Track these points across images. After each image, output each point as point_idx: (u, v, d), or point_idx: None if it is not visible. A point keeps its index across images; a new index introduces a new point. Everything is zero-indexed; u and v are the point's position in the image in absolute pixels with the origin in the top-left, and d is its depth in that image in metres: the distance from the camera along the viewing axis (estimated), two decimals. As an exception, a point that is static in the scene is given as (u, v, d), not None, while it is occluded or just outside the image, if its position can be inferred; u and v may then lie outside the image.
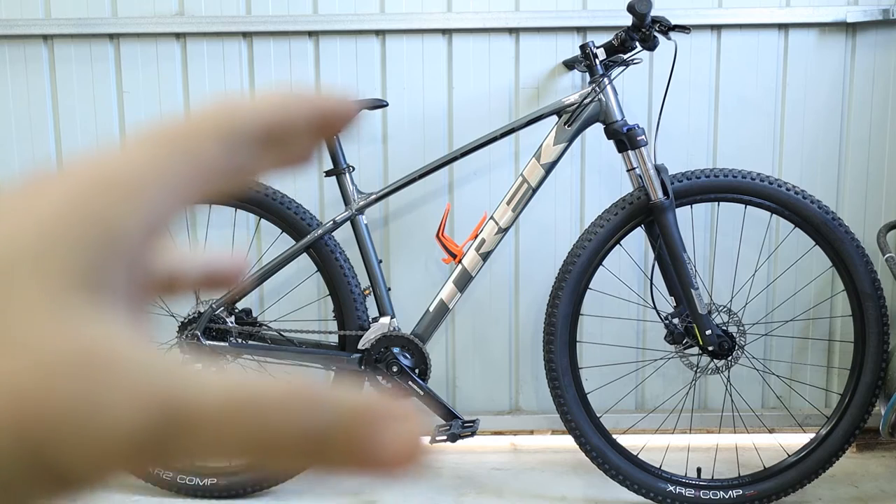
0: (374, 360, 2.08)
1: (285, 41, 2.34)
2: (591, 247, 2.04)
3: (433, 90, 2.36)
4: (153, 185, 0.22)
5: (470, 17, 2.32)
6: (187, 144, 0.23)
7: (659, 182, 1.99)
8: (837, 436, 2.07)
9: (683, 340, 2.06)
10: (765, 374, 2.37)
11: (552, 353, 2.06)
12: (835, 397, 2.29)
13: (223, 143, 0.24)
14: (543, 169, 2.05)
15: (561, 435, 2.35)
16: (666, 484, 2.08)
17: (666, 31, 1.95)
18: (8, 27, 2.30)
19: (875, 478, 2.24)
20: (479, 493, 2.17)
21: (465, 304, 2.41)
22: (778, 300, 2.41)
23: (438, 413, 2.10)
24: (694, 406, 2.38)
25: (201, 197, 0.24)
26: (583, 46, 2.04)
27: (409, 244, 2.41)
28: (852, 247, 2.02)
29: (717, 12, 2.31)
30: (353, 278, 2.12)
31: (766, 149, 2.38)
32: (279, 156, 0.25)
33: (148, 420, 0.18)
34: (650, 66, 2.33)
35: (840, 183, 2.39)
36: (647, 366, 2.43)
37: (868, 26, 2.32)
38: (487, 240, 2.07)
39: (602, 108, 2.03)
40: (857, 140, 2.37)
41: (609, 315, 2.39)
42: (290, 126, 0.25)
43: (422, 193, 2.38)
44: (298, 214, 2.11)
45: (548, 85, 2.35)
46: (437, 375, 2.34)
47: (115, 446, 0.18)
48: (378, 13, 2.33)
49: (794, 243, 2.27)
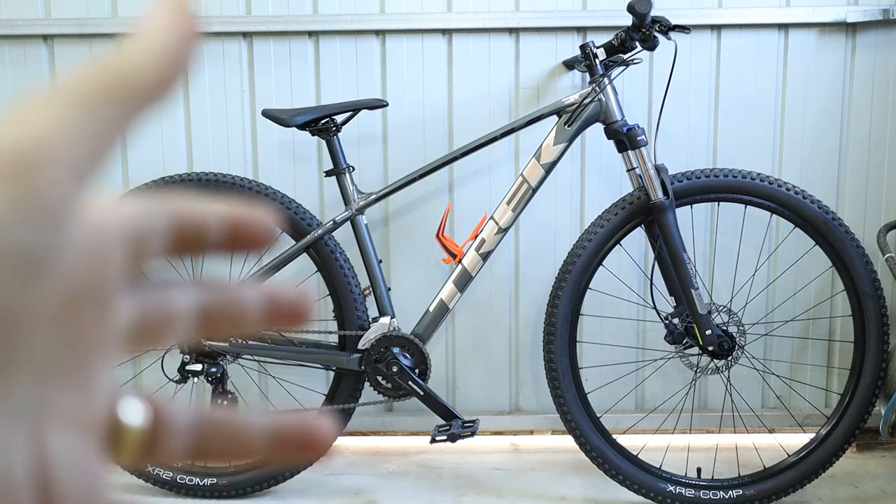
0: (374, 359, 2.08)
1: (285, 41, 2.34)
2: (591, 247, 2.04)
3: (433, 90, 2.36)
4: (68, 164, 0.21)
5: (470, 17, 2.32)
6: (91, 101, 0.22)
7: (659, 182, 1.99)
8: (837, 436, 2.06)
9: (683, 340, 2.06)
10: (765, 374, 2.37)
11: (552, 353, 2.06)
12: (835, 397, 2.29)
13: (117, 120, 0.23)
14: (543, 169, 2.05)
15: (561, 435, 2.35)
16: (666, 484, 2.08)
17: (666, 31, 1.95)
18: (8, 27, 2.30)
19: (875, 478, 2.24)
20: (479, 493, 2.17)
21: (465, 304, 2.41)
22: (778, 300, 2.41)
23: (438, 413, 2.10)
24: (694, 406, 2.38)
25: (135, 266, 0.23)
26: (583, 46, 2.04)
27: (409, 244, 2.41)
28: (852, 247, 2.02)
29: (717, 12, 2.31)
30: (353, 278, 2.12)
31: (765, 149, 2.38)
32: (187, 251, 0.25)
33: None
34: (650, 66, 2.33)
35: (840, 183, 2.39)
36: (647, 366, 2.43)
37: (868, 26, 2.32)
38: (487, 240, 2.07)
39: (602, 108, 2.03)
40: (857, 140, 2.37)
41: (609, 315, 2.39)
42: (200, 231, 0.25)
43: (422, 193, 2.38)
44: (298, 214, 2.11)
45: (548, 85, 2.35)
46: (437, 375, 2.34)
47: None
48: (378, 13, 2.33)
49: (794, 243, 2.27)
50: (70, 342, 0.21)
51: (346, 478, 2.27)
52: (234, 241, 0.25)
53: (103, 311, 0.22)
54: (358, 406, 2.16)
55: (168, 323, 0.24)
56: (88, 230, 0.21)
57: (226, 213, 0.25)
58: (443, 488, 2.20)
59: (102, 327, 0.22)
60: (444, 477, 2.27)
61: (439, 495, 2.16)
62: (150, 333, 0.24)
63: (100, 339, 0.22)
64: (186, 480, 2.14)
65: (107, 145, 0.22)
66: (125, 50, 0.23)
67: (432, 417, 2.13)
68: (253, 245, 0.26)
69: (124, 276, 0.22)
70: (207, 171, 2.29)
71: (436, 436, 2.06)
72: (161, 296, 0.24)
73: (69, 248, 0.21)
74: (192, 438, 0.24)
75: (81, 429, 0.21)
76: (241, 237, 0.25)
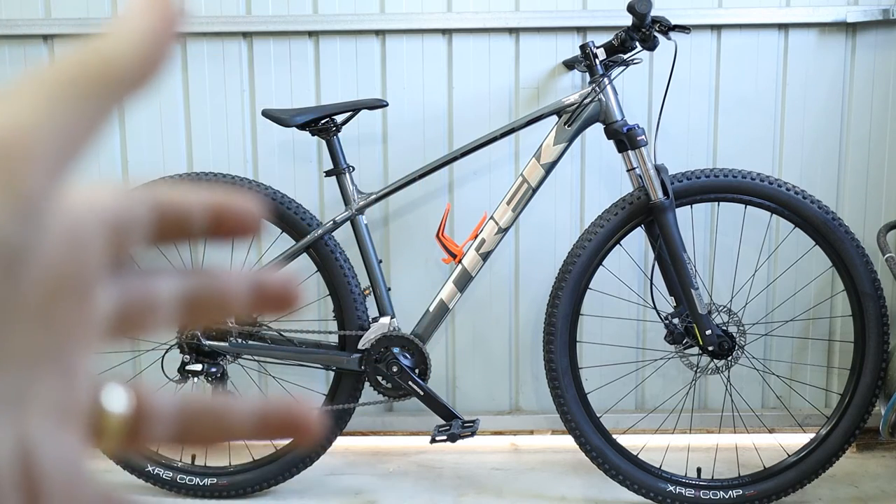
0: (374, 359, 2.08)
1: (285, 41, 2.34)
2: (591, 247, 2.04)
3: (433, 90, 2.36)
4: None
5: (470, 17, 2.32)
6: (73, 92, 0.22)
7: (659, 182, 1.99)
8: (837, 436, 2.06)
9: (683, 340, 2.06)
10: (765, 374, 2.37)
11: (552, 353, 2.06)
12: (835, 397, 2.29)
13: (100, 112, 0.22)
14: (543, 169, 2.05)
15: (561, 435, 2.35)
16: (666, 484, 2.08)
17: (666, 31, 1.95)
18: (8, 27, 2.30)
19: (875, 478, 2.24)
20: (479, 493, 2.17)
21: (465, 304, 2.41)
22: (778, 300, 2.41)
23: (438, 413, 2.10)
24: (694, 406, 2.38)
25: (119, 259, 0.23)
26: (583, 46, 2.04)
27: (409, 244, 2.41)
28: (852, 247, 2.02)
29: (717, 12, 2.31)
30: (353, 278, 2.12)
31: (765, 149, 2.38)
32: (171, 237, 0.25)
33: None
34: (650, 66, 2.33)
35: (840, 183, 2.39)
36: (647, 366, 2.43)
37: (868, 26, 2.32)
38: (487, 240, 2.07)
39: (602, 108, 2.03)
40: (857, 140, 2.37)
41: (609, 315, 2.39)
42: (183, 217, 0.24)
43: (422, 193, 2.38)
44: (298, 214, 2.11)
45: (548, 85, 2.35)
46: (437, 375, 2.34)
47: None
48: (378, 13, 2.33)
49: (794, 243, 2.27)
50: (51, 331, 0.21)
51: (346, 478, 2.27)
52: (218, 229, 0.25)
53: (84, 300, 0.22)
54: (358, 406, 2.16)
55: (151, 310, 0.24)
56: (68, 219, 0.21)
57: (210, 201, 0.25)
58: (443, 488, 2.20)
59: (83, 316, 0.22)
60: (444, 477, 2.27)
61: (439, 495, 2.16)
62: (133, 321, 0.24)
63: (81, 328, 0.22)
64: (186, 480, 2.14)
65: (87, 135, 0.22)
66: (106, 37, 0.23)
67: (432, 417, 2.13)
68: (238, 232, 0.26)
69: (105, 264, 0.22)
70: (207, 171, 2.29)
71: (436, 436, 2.06)
72: (144, 283, 0.24)
73: (48, 239, 0.21)
74: (176, 424, 0.24)
75: (64, 417, 0.21)
76: (225, 224, 0.25)
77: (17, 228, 0.20)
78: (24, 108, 0.21)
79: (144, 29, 0.23)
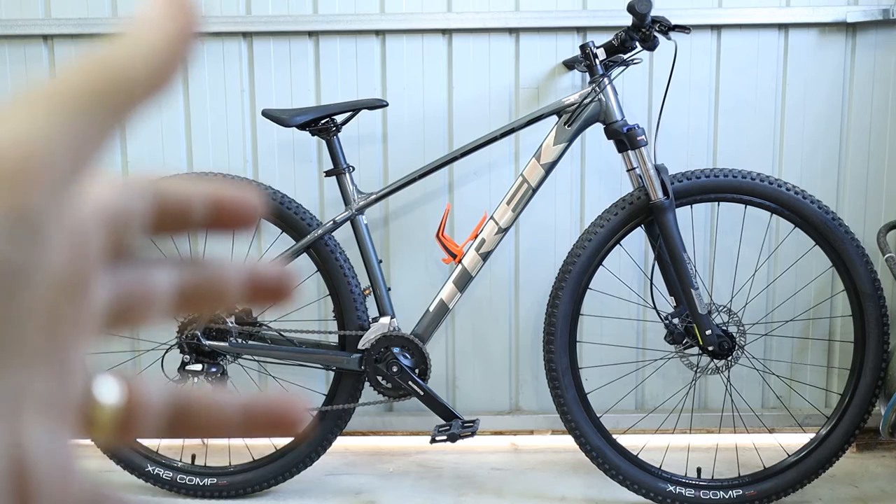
0: (374, 359, 2.08)
1: (285, 41, 2.34)
2: (591, 247, 2.04)
3: (433, 90, 2.36)
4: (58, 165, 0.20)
5: (470, 17, 2.32)
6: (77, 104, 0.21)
7: (659, 182, 1.99)
8: (837, 436, 2.07)
9: (683, 340, 2.06)
10: (765, 374, 2.37)
11: (552, 353, 2.06)
12: (835, 397, 2.29)
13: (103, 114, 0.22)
14: (543, 169, 2.05)
15: (561, 435, 2.35)
16: (666, 484, 2.08)
17: (666, 31, 1.95)
18: (8, 27, 2.30)
19: (875, 478, 2.24)
20: (479, 493, 2.17)
21: (465, 304, 2.41)
22: (778, 300, 2.41)
23: (438, 413, 2.10)
24: (694, 406, 2.38)
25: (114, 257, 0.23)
26: (583, 46, 2.04)
27: (409, 244, 2.41)
28: (852, 247, 2.02)
29: (717, 12, 2.31)
30: (353, 278, 2.12)
31: (766, 149, 2.38)
32: (170, 230, 0.25)
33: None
34: (650, 66, 2.33)
35: (840, 183, 2.39)
36: (647, 366, 2.43)
37: (868, 26, 2.32)
38: (487, 240, 2.07)
39: (602, 108, 2.03)
40: (857, 140, 2.37)
41: (609, 315, 2.39)
42: (182, 208, 0.24)
43: (422, 193, 2.38)
44: (298, 214, 2.11)
45: (548, 85, 2.35)
46: (437, 375, 2.34)
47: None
48: (378, 13, 2.33)
49: (794, 243, 2.27)
50: (47, 329, 0.21)
51: (346, 478, 2.27)
52: (217, 220, 0.25)
53: (81, 297, 0.21)
54: (358, 406, 2.16)
55: (147, 302, 0.24)
56: (69, 223, 0.21)
57: (209, 192, 0.25)
58: (443, 488, 2.20)
59: (79, 312, 0.21)
60: (444, 477, 2.27)
61: (439, 495, 2.16)
62: (128, 313, 0.24)
63: (76, 323, 0.21)
64: (186, 480, 2.14)
65: (95, 148, 0.21)
66: (119, 45, 0.22)
67: (432, 417, 2.13)
68: (237, 224, 0.25)
69: (103, 259, 0.22)
70: (207, 171, 2.29)
71: (436, 436, 2.06)
72: (139, 275, 0.24)
73: (51, 253, 0.20)
74: (167, 415, 0.24)
75: (57, 413, 0.21)
76: (224, 216, 0.25)
77: (18, 248, 0.19)
78: (29, 122, 0.20)
79: (161, 34, 0.23)
